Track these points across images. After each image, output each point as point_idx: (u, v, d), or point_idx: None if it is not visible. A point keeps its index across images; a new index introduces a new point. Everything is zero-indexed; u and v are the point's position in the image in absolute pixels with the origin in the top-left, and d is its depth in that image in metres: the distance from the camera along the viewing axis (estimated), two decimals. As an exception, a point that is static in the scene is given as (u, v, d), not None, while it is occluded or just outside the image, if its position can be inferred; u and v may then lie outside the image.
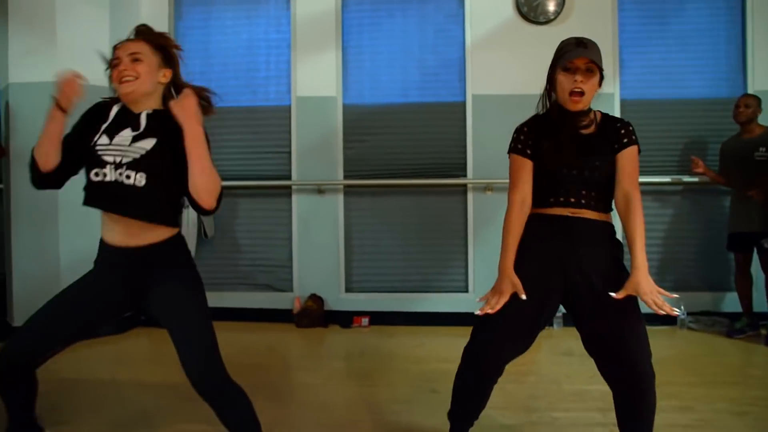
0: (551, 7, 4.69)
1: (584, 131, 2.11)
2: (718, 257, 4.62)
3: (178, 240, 2.04)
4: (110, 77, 2.05)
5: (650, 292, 1.94)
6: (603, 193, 2.08)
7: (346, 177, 4.86)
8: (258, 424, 2.04)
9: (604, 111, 2.21)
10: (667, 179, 4.66)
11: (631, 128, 2.11)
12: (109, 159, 1.92)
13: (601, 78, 2.13)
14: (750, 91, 4.55)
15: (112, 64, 2.03)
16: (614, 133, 2.08)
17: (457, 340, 4.43)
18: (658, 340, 4.08)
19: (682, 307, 4.46)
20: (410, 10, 4.86)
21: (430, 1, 4.84)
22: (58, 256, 4.26)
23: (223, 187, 4.89)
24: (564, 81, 2.07)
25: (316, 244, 4.88)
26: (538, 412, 2.80)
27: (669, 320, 4.50)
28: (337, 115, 4.86)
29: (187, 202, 1.95)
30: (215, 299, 4.89)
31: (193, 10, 5.03)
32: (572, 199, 2.06)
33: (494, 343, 2.02)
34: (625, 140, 2.07)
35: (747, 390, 3.14)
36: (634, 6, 4.74)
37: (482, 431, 2.46)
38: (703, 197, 4.70)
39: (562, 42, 2.14)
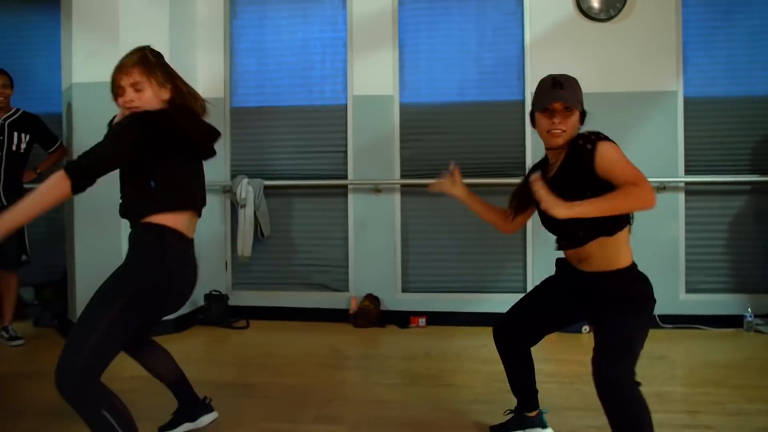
0: (613, 4, 4.60)
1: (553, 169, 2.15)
2: (788, 258, 4.52)
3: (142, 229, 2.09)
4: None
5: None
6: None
7: (402, 176, 4.84)
8: None
9: (664, 112, 2.11)
10: (733, 178, 4.55)
11: (590, 136, 2.01)
12: None
13: (583, 114, 2.13)
14: (820, 87, 4.43)
15: (117, 92, 2.11)
16: (578, 152, 2.00)
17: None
18: (724, 343, 4.07)
19: (749, 309, 4.37)
20: (468, 8, 4.80)
21: (488, -2, 4.79)
22: (121, 254, 4.28)
23: (279, 186, 5.00)
24: (542, 121, 2.10)
25: (373, 243, 4.86)
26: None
27: (735, 322, 4.43)
28: (393, 114, 4.84)
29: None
30: (271, 298, 4.97)
31: (248, 9, 5.03)
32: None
33: (511, 316, 2.39)
34: (589, 146, 1.97)
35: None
36: (699, 1, 4.63)
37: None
38: (771, 197, 4.59)
39: (540, 81, 2.15)
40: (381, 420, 2.71)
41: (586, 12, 4.64)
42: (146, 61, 2.13)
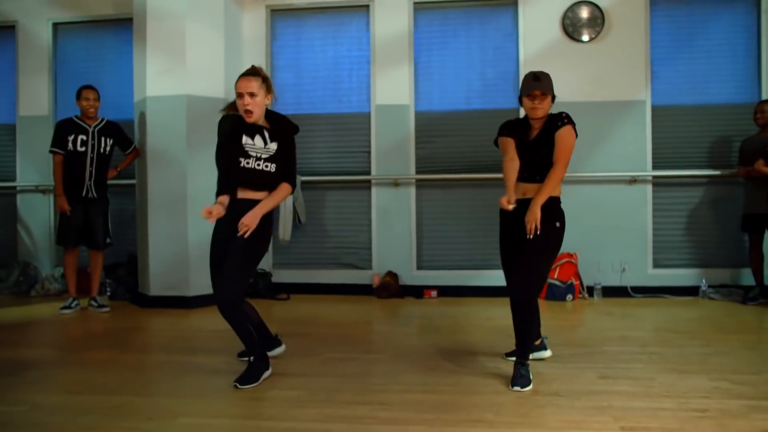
0: (592, 28, 5.53)
1: (534, 132, 3.15)
2: (735, 238, 5.45)
3: None
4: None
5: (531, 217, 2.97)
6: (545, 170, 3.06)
7: (418, 172, 5.77)
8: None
9: (635, 117, 3.79)
10: (692, 173, 5.48)
11: (565, 117, 3.04)
12: (253, 153, 3.02)
13: (553, 98, 3.08)
14: (764, 97, 5.35)
15: (236, 93, 2.99)
16: (553, 123, 3.06)
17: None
18: (684, 307, 5.02)
19: (704, 280, 5.32)
20: (473, 30, 5.74)
21: (490, 22, 5.73)
22: (187, 238, 5.20)
23: (313, 182, 6.08)
24: (527, 103, 3.06)
25: (392, 228, 5.80)
26: (591, 347, 3.68)
27: (693, 292, 5.37)
28: (410, 120, 5.77)
29: None
30: (307, 275, 5.90)
31: (286, 31, 5.96)
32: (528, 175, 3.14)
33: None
34: (559, 123, 3.03)
35: (758, 335, 4.09)
36: (665, 23, 5.57)
37: (554, 358, 3.35)
38: (724, 188, 5.52)
39: (525, 75, 3.13)
40: (413, 351, 3.63)
41: (570, 35, 5.57)
42: (259, 75, 3.05)
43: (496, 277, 5.65)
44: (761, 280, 5.08)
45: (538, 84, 3.02)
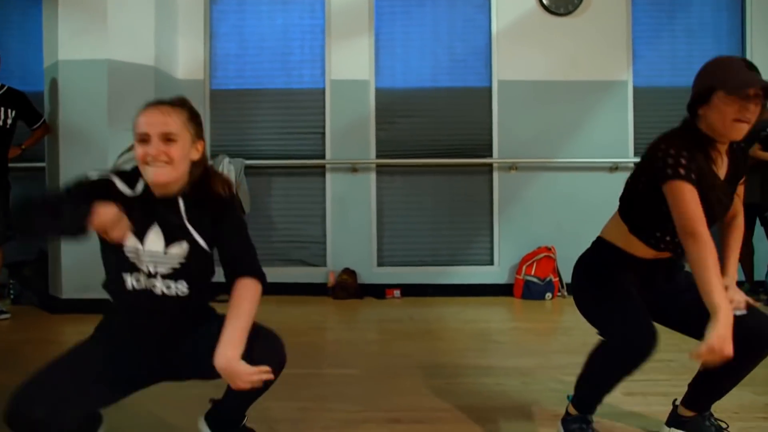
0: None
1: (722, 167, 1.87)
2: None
3: None
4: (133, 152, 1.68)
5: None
6: None
7: (378, 156, 5.13)
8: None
9: (616, 100, 2.90)
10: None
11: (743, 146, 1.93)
12: (143, 267, 1.69)
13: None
14: (749, 80, 5.00)
15: (138, 138, 1.63)
16: (741, 159, 1.92)
17: (488, 307, 4.83)
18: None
19: (691, 276, 4.91)
20: (440, -1, 5.15)
21: (459, -9, 5.15)
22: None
23: (259, 166, 4.98)
24: (730, 107, 1.72)
25: (349, 220, 5.13)
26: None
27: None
28: (369, 98, 5.12)
29: None
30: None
31: (228, -6, 5.19)
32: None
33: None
34: (746, 160, 1.96)
35: None
36: (647, 0, 5.14)
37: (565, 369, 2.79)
38: (707, 177, 5.14)
39: (721, 60, 1.85)
40: (389, 365, 2.99)
41: (547, 6, 5.06)
42: (184, 107, 1.73)
43: (465, 274, 5.12)
44: (752, 275, 4.72)
45: (757, 76, 1.71)
